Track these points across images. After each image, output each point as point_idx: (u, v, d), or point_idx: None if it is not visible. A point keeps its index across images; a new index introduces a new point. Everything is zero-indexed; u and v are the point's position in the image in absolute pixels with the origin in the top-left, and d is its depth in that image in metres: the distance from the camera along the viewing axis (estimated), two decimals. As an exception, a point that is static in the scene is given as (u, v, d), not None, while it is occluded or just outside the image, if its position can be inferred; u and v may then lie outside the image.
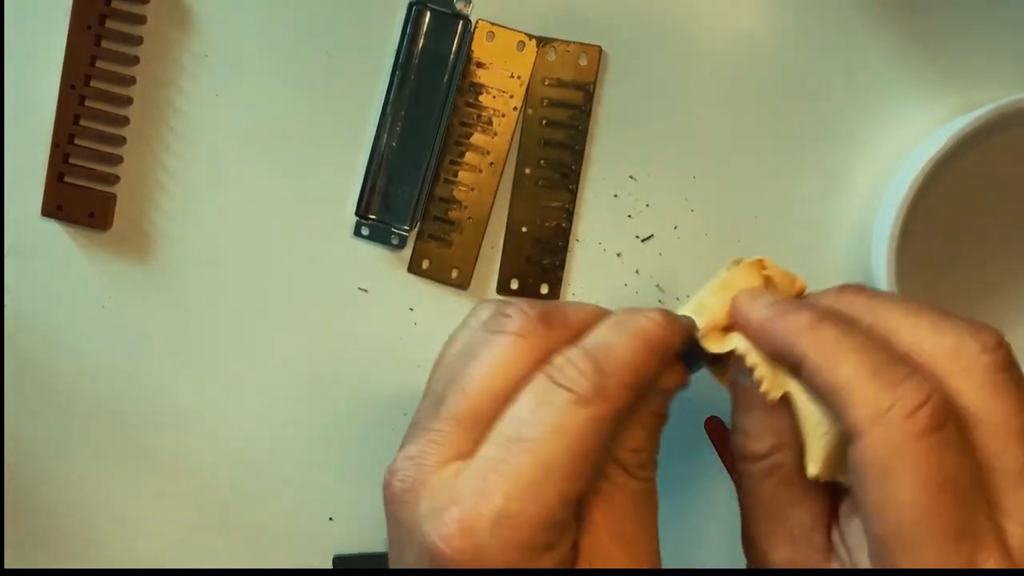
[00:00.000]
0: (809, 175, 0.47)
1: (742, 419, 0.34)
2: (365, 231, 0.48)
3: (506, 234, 0.48)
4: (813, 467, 0.32)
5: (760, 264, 0.36)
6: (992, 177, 0.46)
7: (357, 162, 0.48)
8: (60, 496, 0.50)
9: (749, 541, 0.34)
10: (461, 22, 0.46)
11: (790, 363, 0.32)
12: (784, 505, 0.33)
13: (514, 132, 0.47)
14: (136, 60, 0.47)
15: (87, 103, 0.47)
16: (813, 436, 0.32)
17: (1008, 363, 0.29)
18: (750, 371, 0.33)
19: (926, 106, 0.46)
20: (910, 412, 0.27)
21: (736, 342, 0.34)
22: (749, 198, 0.47)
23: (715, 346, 0.35)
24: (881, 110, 0.47)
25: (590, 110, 0.47)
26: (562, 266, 0.48)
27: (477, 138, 0.47)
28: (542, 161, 0.48)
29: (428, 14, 0.46)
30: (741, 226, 0.48)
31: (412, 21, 0.46)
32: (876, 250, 0.45)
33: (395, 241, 0.47)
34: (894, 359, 0.29)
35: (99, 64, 0.47)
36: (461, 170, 0.48)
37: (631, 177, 0.48)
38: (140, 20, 0.47)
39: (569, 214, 0.48)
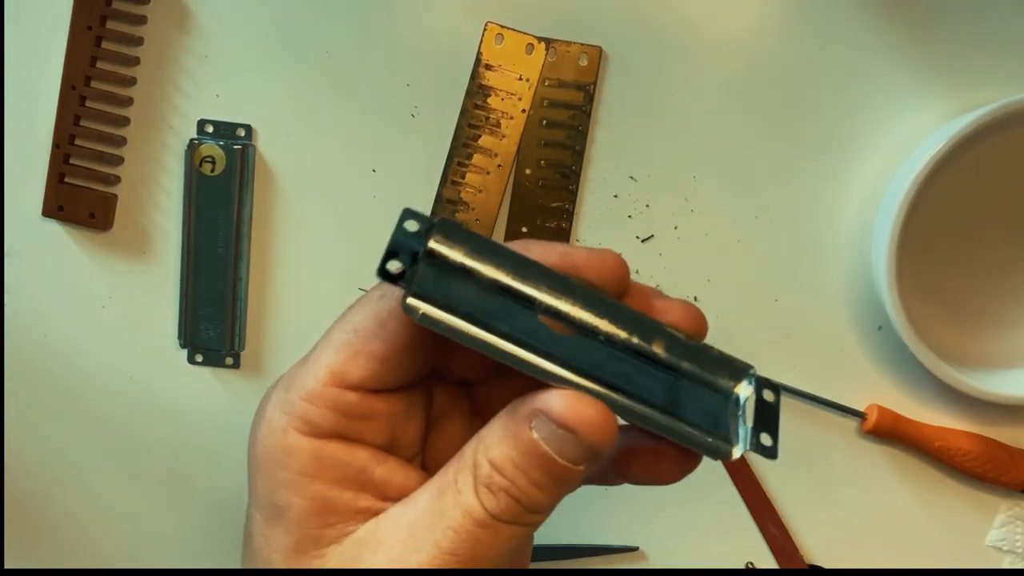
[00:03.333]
0: (809, 175, 0.47)
1: None
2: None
3: (506, 235, 0.48)
4: None
5: None
6: (992, 177, 0.46)
7: (356, 164, 0.48)
8: (60, 496, 0.50)
9: None
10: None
11: None
12: None
13: (522, 135, 0.47)
14: (136, 61, 0.47)
15: (88, 104, 0.47)
16: None
17: None
18: None
19: (926, 106, 0.46)
20: None
21: None
22: (749, 198, 0.47)
23: None
24: (881, 110, 0.47)
25: (590, 110, 0.47)
26: (562, 266, 0.48)
27: (485, 140, 0.47)
28: (542, 162, 0.48)
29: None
30: (741, 226, 0.48)
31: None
32: (876, 250, 0.45)
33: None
34: None
35: (100, 65, 0.47)
36: (469, 172, 0.48)
37: (631, 177, 0.48)
38: (140, 20, 0.47)
39: (569, 215, 0.48)
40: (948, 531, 0.49)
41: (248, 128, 0.47)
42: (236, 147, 0.47)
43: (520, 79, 0.47)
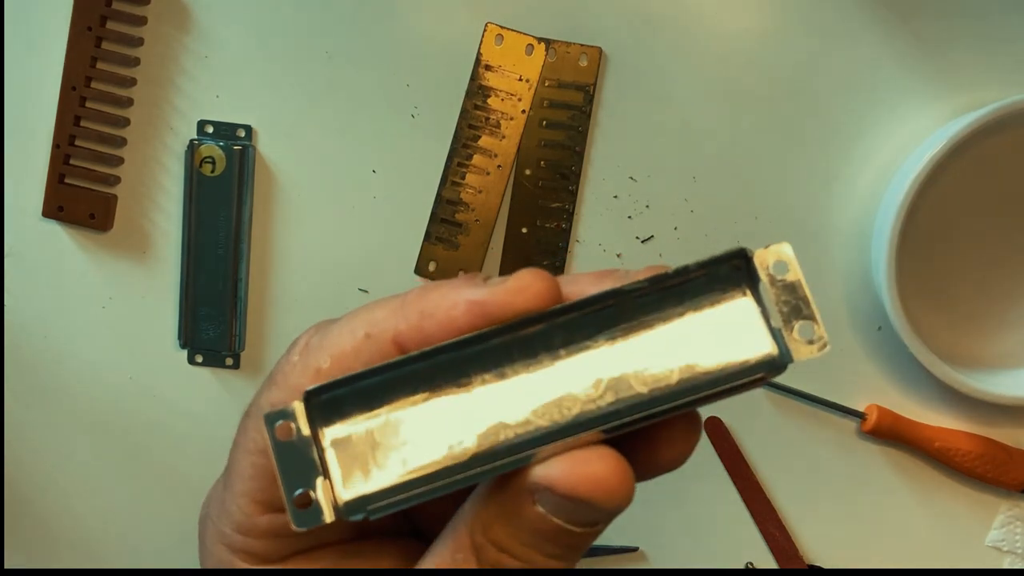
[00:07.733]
0: (809, 175, 0.47)
1: None
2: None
3: (506, 235, 0.48)
4: None
5: None
6: (992, 177, 0.46)
7: (356, 164, 0.48)
8: (60, 496, 0.50)
9: None
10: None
11: None
12: None
13: (522, 135, 0.47)
14: (137, 61, 0.47)
15: (88, 104, 0.47)
16: None
17: None
18: None
19: (926, 106, 0.46)
20: None
21: None
22: (749, 198, 0.47)
23: None
24: (881, 110, 0.47)
25: (590, 111, 0.47)
26: (562, 267, 0.48)
27: (485, 141, 0.47)
28: (542, 162, 0.48)
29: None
30: (741, 226, 0.48)
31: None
32: (876, 250, 0.45)
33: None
34: None
35: (100, 65, 0.47)
36: (469, 173, 0.48)
37: (631, 178, 0.48)
38: (140, 21, 0.47)
39: (569, 215, 0.48)
40: (948, 531, 0.49)
41: (248, 128, 0.47)
42: (236, 147, 0.47)
43: (520, 80, 0.47)
